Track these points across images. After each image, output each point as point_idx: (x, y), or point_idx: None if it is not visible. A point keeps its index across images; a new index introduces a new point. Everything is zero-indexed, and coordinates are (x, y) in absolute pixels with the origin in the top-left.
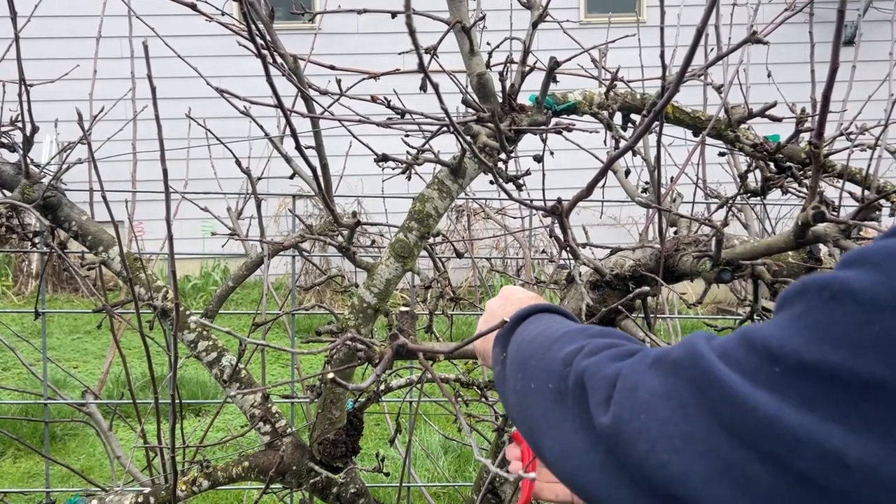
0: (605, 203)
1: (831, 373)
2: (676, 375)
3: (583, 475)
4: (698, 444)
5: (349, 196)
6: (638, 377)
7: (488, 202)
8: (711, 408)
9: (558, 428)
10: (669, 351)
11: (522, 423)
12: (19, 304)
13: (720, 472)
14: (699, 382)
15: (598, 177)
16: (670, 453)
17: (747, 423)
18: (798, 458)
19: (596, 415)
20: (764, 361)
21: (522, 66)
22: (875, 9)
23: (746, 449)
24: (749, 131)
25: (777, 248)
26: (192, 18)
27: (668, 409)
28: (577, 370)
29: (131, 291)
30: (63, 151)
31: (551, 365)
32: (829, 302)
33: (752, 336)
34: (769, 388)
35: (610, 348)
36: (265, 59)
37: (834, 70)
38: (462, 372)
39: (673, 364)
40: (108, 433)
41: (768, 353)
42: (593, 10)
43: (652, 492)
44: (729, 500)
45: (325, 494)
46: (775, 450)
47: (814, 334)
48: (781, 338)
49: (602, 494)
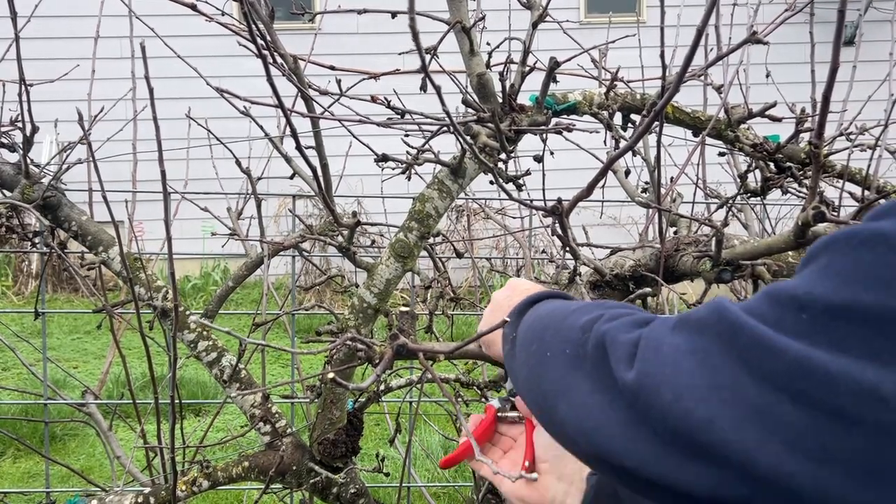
0: (605, 203)
1: (863, 312)
2: (701, 332)
3: (601, 433)
4: (724, 391)
5: (349, 196)
6: (661, 337)
7: (488, 202)
8: (738, 356)
9: (576, 390)
10: (692, 313)
11: (535, 394)
12: (19, 304)
13: (748, 417)
14: (725, 335)
15: (598, 177)
16: (696, 401)
17: (776, 367)
18: (831, 395)
19: (618, 371)
20: (789, 310)
21: (522, 67)
22: (875, 9)
23: (776, 391)
24: (749, 131)
25: (777, 248)
26: (192, 18)
27: (694, 362)
28: (598, 334)
29: (131, 291)
30: (63, 151)
31: (569, 333)
32: (857, 248)
33: (776, 290)
34: (796, 334)
35: (630, 315)
36: (265, 60)
37: (834, 70)
38: (462, 372)
39: (697, 323)
40: (108, 433)
41: (794, 302)
42: (593, 10)
43: (674, 442)
44: (757, 442)
45: (325, 494)
46: (807, 389)
47: (843, 278)
48: (808, 286)
49: (621, 451)
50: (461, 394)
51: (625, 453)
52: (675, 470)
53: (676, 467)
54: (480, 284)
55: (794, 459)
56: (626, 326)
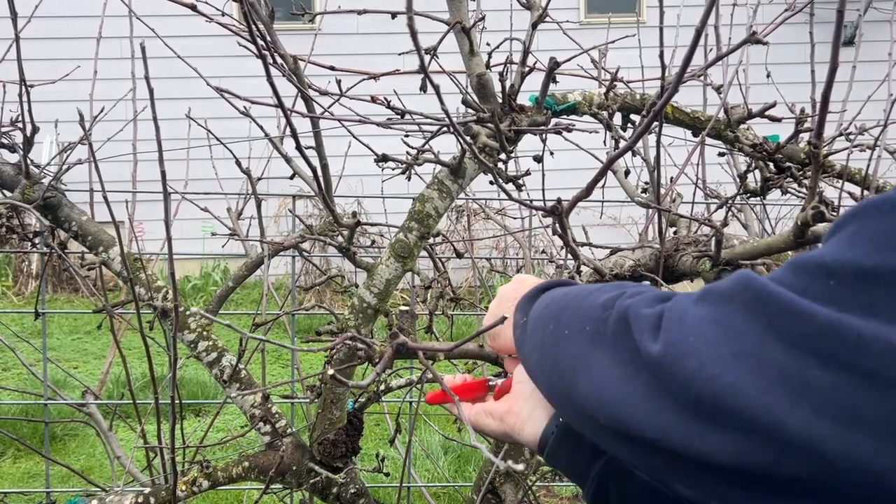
0: (605, 203)
1: (893, 275)
2: (726, 302)
3: (623, 405)
4: (751, 358)
5: (349, 196)
6: (685, 309)
7: (488, 202)
8: (766, 323)
9: (596, 364)
10: (716, 285)
11: (550, 374)
12: (19, 304)
13: (776, 381)
14: (751, 303)
15: (598, 177)
16: (722, 368)
17: (806, 331)
18: (863, 356)
19: (642, 343)
20: (817, 278)
21: (522, 67)
22: (875, 9)
23: (806, 355)
24: (748, 131)
25: (777, 248)
26: (192, 19)
27: (719, 330)
28: (620, 309)
29: (131, 291)
30: (63, 152)
31: (589, 311)
32: (888, 213)
33: (803, 260)
34: (825, 300)
35: (650, 292)
36: (265, 60)
37: (833, 70)
38: (462, 372)
39: (721, 294)
40: (108, 433)
41: (822, 269)
42: (593, 11)
43: (698, 411)
44: (786, 406)
45: (325, 494)
46: (837, 353)
47: (873, 244)
48: (836, 254)
49: (643, 422)
50: None
51: (647, 424)
52: (699, 438)
53: (700, 435)
54: (480, 284)
55: (824, 423)
56: (649, 301)
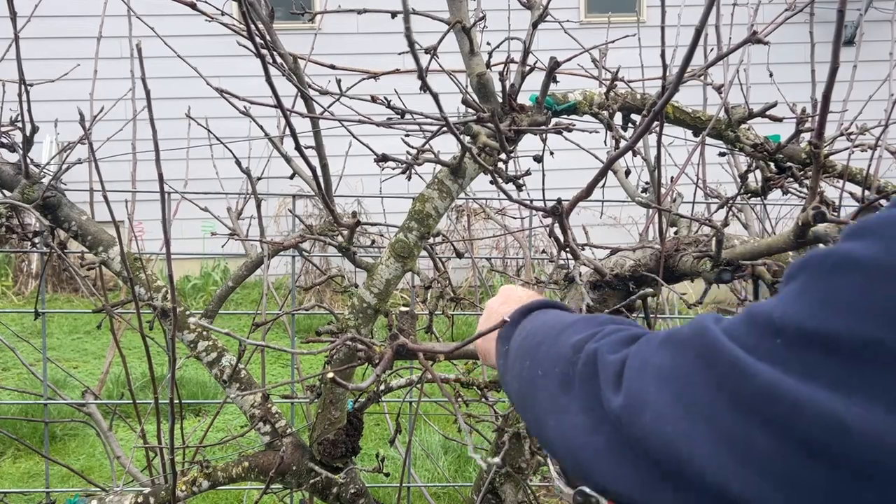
0: (605, 203)
1: (833, 339)
2: (683, 351)
3: (587, 454)
4: (702, 412)
5: (349, 196)
6: (647, 356)
7: (488, 202)
8: (715, 379)
9: (565, 409)
10: (678, 330)
11: (527, 410)
12: (19, 304)
13: (723, 440)
14: (705, 356)
15: (598, 177)
16: (675, 420)
17: (748, 392)
18: (798, 423)
19: (606, 394)
20: (765, 335)
21: (522, 66)
22: (875, 9)
23: (748, 416)
24: (749, 131)
25: (777, 249)
26: (192, 18)
27: (675, 381)
28: (588, 352)
29: (131, 291)
30: (63, 151)
31: (561, 350)
32: (831, 271)
33: (755, 312)
34: (771, 360)
35: (620, 332)
36: (265, 59)
37: (834, 70)
38: (462, 372)
39: (681, 342)
40: (107, 433)
41: (770, 325)
42: (593, 10)
43: (656, 464)
44: (730, 466)
45: (325, 494)
46: (776, 416)
47: (815, 303)
48: (783, 309)
49: (605, 472)
50: (461, 394)
51: (609, 477)
52: (655, 495)
53: (656, 492)
54: (480, 284)
55: (766, 486)
56: (615, 345)
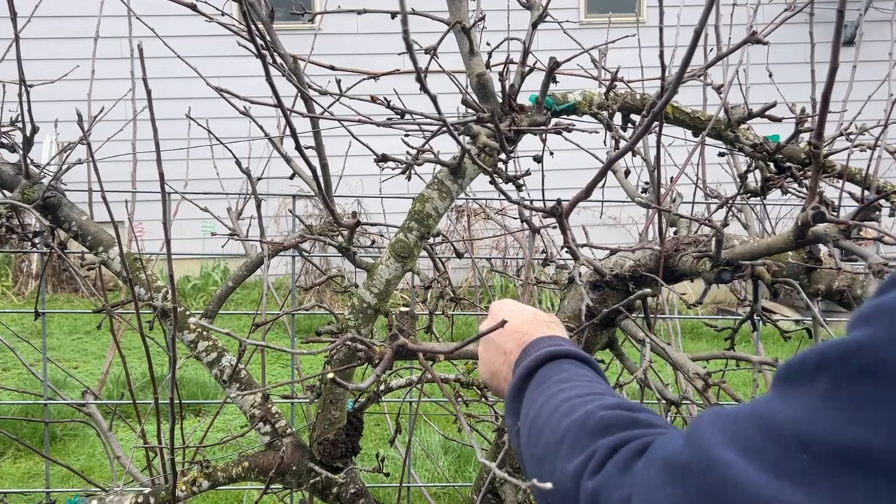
0: (605, 203)
1: (868, 456)
2: (687, 483)
3: None
4: None
5: (349, 196)
6: (648, 494)
7: (488, 202)
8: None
9: None
10: (679, 452)
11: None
12: (19, 304)
13: None
14: (713, 490)
15: (598, 177)
16: None
17: None
18: None
19: None
20: (788, 449)
21: (522, 67)
22: (875, 9)
23: None
24: (749, 131)
25: (777, 249)
26: (192, 19)
27: None
28: (587, 493)
29: (131, 291)
30: (63, 152)
31: (561, 478)
32: (859, 376)
33: (772, 421)
34: (793, 480)
35: (618, 449)
36: (265, 60)
37: (834, 70)
38: (462, 372)
39: (683, 469)
40: (107, 433)
41: (795, 438)
42: (593, 11)
43: None
44: None
45: (325, 494)
46: None
47: (847, 415)
48: (811, 419)
49: None
50: (461, 394)
51: None
52: None
53: None
54: (480, 284)
55: None
56: (615, 477)
